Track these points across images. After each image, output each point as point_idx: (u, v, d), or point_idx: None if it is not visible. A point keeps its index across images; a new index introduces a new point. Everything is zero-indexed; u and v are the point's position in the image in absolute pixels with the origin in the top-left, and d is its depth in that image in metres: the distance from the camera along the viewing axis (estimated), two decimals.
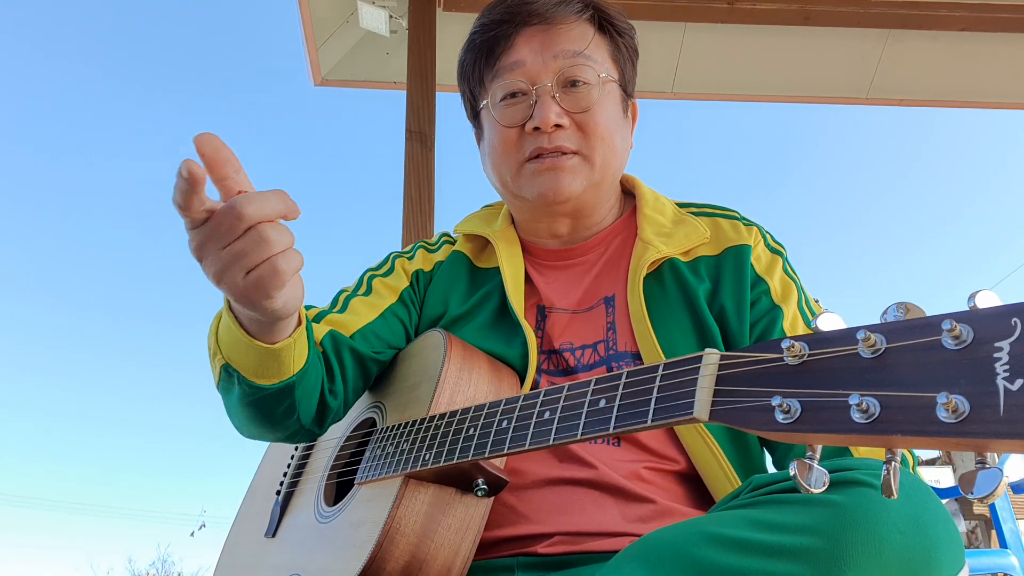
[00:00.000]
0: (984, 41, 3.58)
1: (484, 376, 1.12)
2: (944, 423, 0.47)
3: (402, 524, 0.98)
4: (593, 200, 1.21)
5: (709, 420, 0.67)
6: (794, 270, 1.19)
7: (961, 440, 0.46)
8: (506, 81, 1.18)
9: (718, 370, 0.68)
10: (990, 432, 0.45)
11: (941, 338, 0.50)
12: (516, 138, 1.18)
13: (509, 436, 0.89)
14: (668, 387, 0.73)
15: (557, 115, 1.14)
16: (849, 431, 0.52)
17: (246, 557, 1.31)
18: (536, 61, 1.16)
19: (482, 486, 1.00)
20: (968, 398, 0.47)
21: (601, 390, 0.81)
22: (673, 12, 3.46)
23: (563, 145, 1.15)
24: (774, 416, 0.58)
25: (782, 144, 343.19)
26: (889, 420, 0.50)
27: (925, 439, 0.48)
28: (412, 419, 1.07)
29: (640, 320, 1.11)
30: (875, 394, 0.51)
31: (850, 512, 0.65)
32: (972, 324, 0.49)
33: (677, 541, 0.71)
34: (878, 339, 0.53)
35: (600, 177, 1.18)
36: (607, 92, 1.18)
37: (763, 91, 3.88)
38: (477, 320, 1.22)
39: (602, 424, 0.78)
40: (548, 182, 1.16)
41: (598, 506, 1.03)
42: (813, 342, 0.59)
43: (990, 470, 0.46)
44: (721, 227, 1.21)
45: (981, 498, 0.45)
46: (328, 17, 3.44)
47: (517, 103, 1.18)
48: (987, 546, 3.55)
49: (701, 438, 1.05)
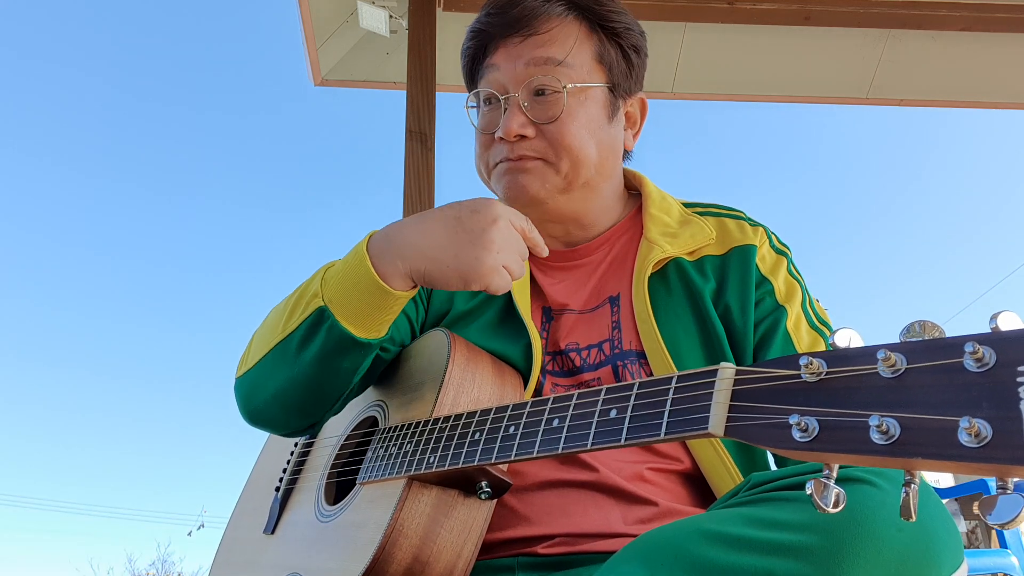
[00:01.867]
0: (984, 41, 3.58)
1: (488, 377, 1.12)
2: (966, 447, 0.47)
3: (405, 526, 0.98)
4: (574, 206, 1.21)
5: (724, 436, 0.66)
6: (799, 271, 1.20)
7: (983, 465, 0.46)
8: (482, 88, 1.21)
9: (733, 385, 0.67)
10: (1013, 458, 0.44)
11: (963, 360, 0.49)
12: (489, 143, 1.21)
13: (516, 443, 0.88)
14: (682, 400, 0.72)
15: (520, 125, 1.15)
16: (869, 452, 0.51)
17: (244, 554, 1.31)
18: (509, 69, 1.17)
19: (486, 488, 1.00)
20: (991, 422, 0.46)
21: (612, 400, 0.80)
22: (673, 12, 3.45)
23: (525, 154, 1.16)
24: (791, 434, 0.58)
25: (782, 144, 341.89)
26: (909, 442, 0.50)
27: (946, 463, 0.48)
28: (416, 420, 1.07)
29: (645, 319, 1.11)
30: (895, 415, 0.51)
31: (849, 509, 0.65)
32: (994, 346, 0.48)
33: (675, 539, 0.71)
34: (898, 359, 0.53)
35: (567, 183, 1.18)
36: (581, 99, 1.17)
37: (763, 91, 3.88)
38: (482, 319, 1.22)
39: (613, 436, 0.77)
40: (511, 183, 1.18)
41: (599, 508, 1.03)
42: (831, 359, 0.58)
43: (1011, 496, 0.46)
44: (727, 227, 1.21)
45: (1002, 524, 0.45)
46: (328, 17, 3.43)
47: (492, 109, 1.21)
48: (987, 546, 3.55)
49: None
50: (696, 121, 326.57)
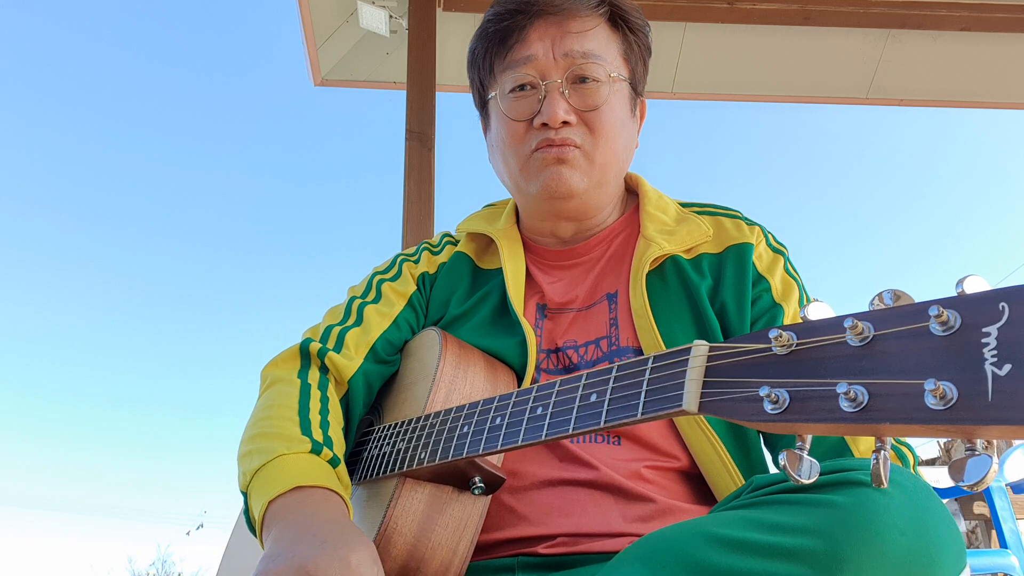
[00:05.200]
0: (984, 41, 3.58)
1: (480, 374, 1.11)
2: (932, 410, 0.46)
3: (399, 523, 0.98)
4: (597, 201, 1.21)
5: (699, 412, 0.66)
6: (796, 270, 1.19)
7: (950, 427, 0.45)
8: (517, 73, 1.17)
9: (707, 361, 0.67)
10: (978, 418, 0.44)
11: (928, 324, 0.49)
12: (523, 132, 1.18)
13: (503, 432, 0.89)
14: (658, 379, 0.72)
15: (565, 111, 1.13)
16: (838, 420, 0.51)
17: (246, 561, 1.30)
18: (548, 55, 1.15)
19: (479, 484, 0.99)
20: (956, 384, 0.46)
21: (592, 384, 0.81)
22: (673, 12, 3.46)
23: (570, 138, 1.14)
24: (763, 407, 0.57)
25: (782, 144, 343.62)
26: (877, 408, 0.49)
27: (913, 427, 0.47)
28: (407, 418, 1.07)
29: (642, 315, 1.11)
30: (863, 382, 0.50)
31: (851, 513, 0.65)
32: (959, 310, 0.48)
33: (678, 541, 0.71)
34: (866, 327, 0.52)
35: (600, 177, 1.18)
36: (616, 91, 1.17)
37: (763, 91, 3.88)
38: (476, 319, 1.22)
39: (593, 418, 0.78)
40: (553, 176, 1.15)
41: (599, 507, 1.03)
42: (801, 331, 0.58)
43: (980, 456, 0.45)
44: (723, 225, 1.21)
45: (971, 485, 0.45)
46: (328, 17, 3.44)
47: (526, 96, 1.17)
48: (987, 546, 3.52)
49: (703, 434, 1.05)
50: (696, 121, 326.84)
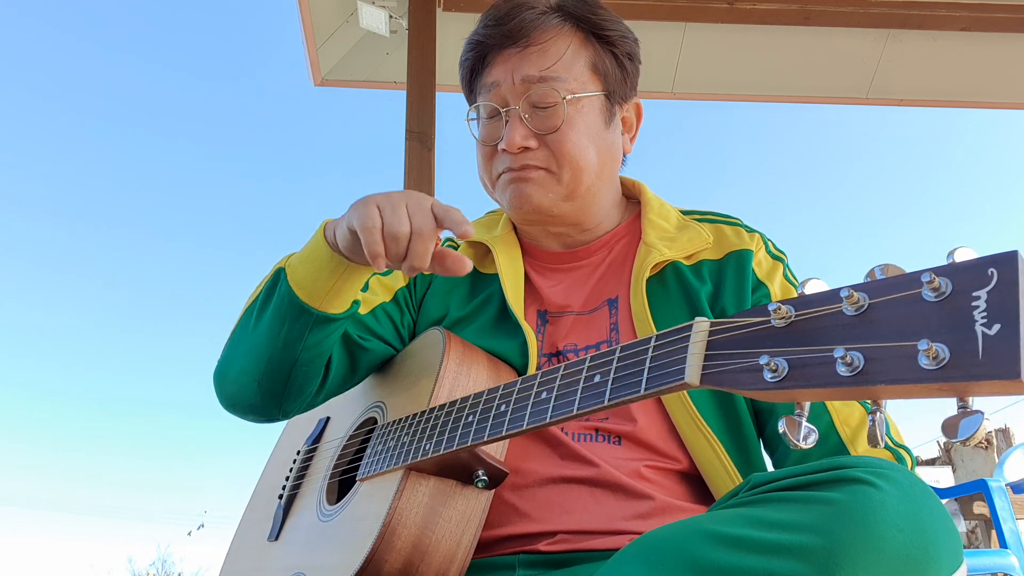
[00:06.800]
0: (984, 41, 3.59)
1: (483, 371, 1.13)
2: (926, 370, 0.48)
3: (403, 516, 0.98)
4: (579, 211, 1.23)
5: (700, 384, 0.68)
6: (795, 276, 1.21)
7: (944, 385, 0.47)
8: (485, 100, 1.22)
9: (708, 336, 0.69)
10: (970, 375, 0.45)
11: (921, 291, 0.51)
12: (491, 154, 1.23)
13: (507, 419, 0.90)
14: (660, 356, 0.74)
15: (523, 137, 1.17)
16: (835, 384, 0.52)
17: (249, 561, 1.31)
18: (508, 83, 1.19)
19: (482, 477, 1.01)
20: (948, 345, 0.47)
21: (596, 366, 0.83)
22: (673, 12, 3.47)
23: (529, 163, 1.18)
24: (762, 375, 0.59)
25: (782, 144, 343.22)
26: (873, 371, 0.51)
27: (908, 387, 0.49)
28: (412, 413, 1.08)
29: (643, 320, 1.12)
30: (859, 347, 0.52)
31: (849, 510, 0.65)
32: (950, 276, 0.50)
33: (677, 540, 0.72)
34: (861, 296, 0.54)
35: (570, 191, 1.20)
36: (579, 108, 1.19)
37: (763, 91, 3.89)
38: (477, 322, 1.23)
39: (597, 398, 0.79)
40: (516, 193, 1.19)
41: (599, 504, 1.04)
42: (799, 304, 0.60)
43: (972, 415, 0.47)
44: (724, 233, 1.23)
45: (964, 440, 0.46)
46: (328, 17, 3.45)
47: (494, 122, 1.22)
48: (987, 546, 3.52)
49: (703, 435, 1.06)
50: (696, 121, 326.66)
